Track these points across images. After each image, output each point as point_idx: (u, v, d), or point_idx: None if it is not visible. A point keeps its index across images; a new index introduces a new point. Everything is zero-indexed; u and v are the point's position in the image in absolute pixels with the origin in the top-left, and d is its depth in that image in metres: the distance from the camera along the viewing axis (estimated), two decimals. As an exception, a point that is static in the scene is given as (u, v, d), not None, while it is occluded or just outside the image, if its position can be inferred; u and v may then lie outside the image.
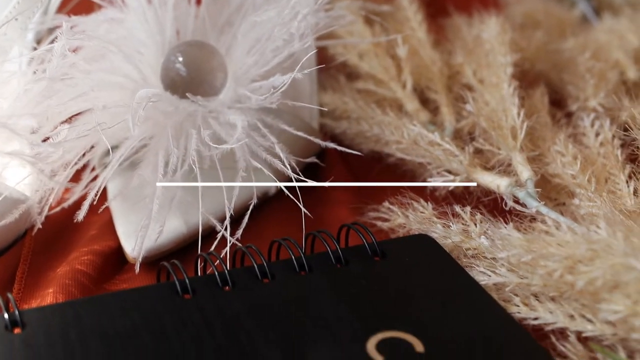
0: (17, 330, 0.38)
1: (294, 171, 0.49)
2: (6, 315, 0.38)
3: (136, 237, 0.47)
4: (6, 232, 0.48)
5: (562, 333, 0.42)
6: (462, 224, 0.48)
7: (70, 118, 0.49)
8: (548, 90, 0.60)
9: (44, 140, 0.47)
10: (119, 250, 0.50)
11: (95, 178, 0.50)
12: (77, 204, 0.49)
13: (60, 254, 0.50)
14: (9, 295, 0.39)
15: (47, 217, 0.50)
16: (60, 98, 0.47)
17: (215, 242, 0.47)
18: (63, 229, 0.52)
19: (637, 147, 0.50)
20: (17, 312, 0.38)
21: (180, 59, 0.50)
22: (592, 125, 0.53)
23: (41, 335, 0.38)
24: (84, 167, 0.50)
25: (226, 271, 0.42)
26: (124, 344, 0.38)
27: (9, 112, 0.46)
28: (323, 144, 0.51)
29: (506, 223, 0.46)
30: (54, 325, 0.38)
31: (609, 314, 0.39)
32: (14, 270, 0.50)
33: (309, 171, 0.54)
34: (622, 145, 0.52)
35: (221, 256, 0.44)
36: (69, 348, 0.37)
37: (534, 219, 0.47)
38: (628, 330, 0.39)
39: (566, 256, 0.40)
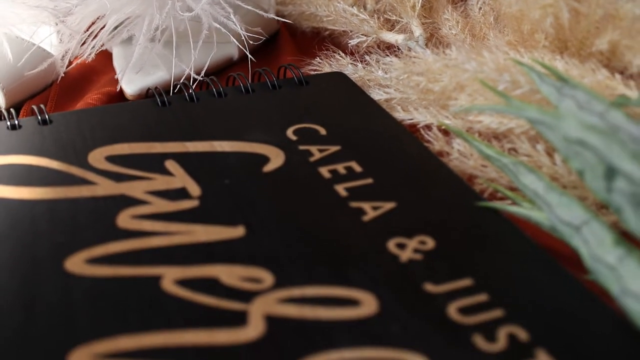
0: (46, 126, 0.54)
1: (251, 39, 0.65)
2: (40, 117, 0.54)
3: (124, 73, 0.62)
4: (38, 80, 0.64)
5: (428, 127, 0.55)
6: (369, 67, 0.63)
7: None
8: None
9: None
10: (120, 93, 0.64)
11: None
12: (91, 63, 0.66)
13: (78, 96, 0.65)
14: (42, 106, 0.55)
15: (68, 72, 0.65)
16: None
17: (184, 76, 0.62)
18: (79, 81, 0.67)
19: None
20: (46, 115, 0.54)
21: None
22: (477, 2, 0.68)
23: (63, 127, 0.53)
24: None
25: (192, 92, 0.58)
26: (119, 130, 0.53)
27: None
28: (274, 17, 0.67)
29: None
30: (72, 122, 0.53)
31: (457, 108, 0.53)
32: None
33: (266, 46, 0.69)
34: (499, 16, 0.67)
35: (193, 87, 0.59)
36: (81, 133, 0.52)
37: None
38: (468, 117, 0.54)
39: (427, 69, 0.56)
